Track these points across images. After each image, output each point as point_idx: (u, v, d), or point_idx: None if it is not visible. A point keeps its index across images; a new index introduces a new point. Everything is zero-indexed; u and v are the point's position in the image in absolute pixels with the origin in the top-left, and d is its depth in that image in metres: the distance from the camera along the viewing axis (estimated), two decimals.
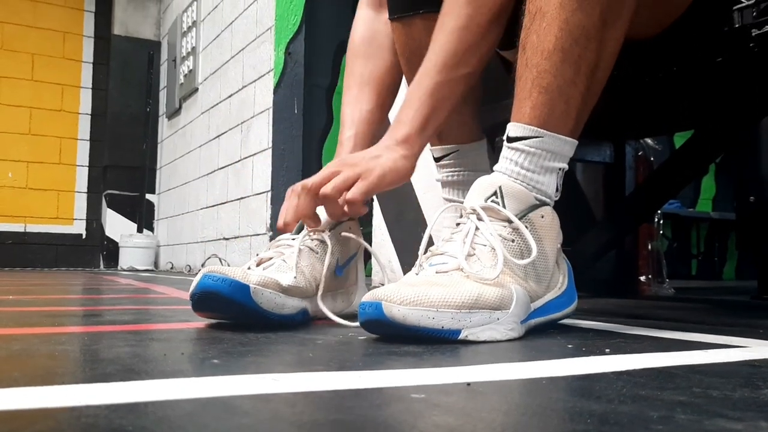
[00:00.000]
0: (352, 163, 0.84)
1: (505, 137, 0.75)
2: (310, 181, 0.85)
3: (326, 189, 0.82)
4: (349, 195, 0.81)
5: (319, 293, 0.82)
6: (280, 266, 0.81)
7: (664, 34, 0.93)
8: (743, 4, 0.90)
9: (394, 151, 0.84)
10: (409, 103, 0.86)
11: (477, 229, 0.71)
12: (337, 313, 0.83)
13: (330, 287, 0.86)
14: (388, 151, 0.84)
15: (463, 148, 1.05)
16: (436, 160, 1.08)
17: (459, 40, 0.84)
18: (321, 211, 0.86)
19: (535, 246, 0.70)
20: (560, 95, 0.72)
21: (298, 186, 0.86)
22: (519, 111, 0.74)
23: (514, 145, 0.74)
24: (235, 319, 0.77)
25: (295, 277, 0.79)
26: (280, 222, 0.86)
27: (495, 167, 0.76)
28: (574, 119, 0.74)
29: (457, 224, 0.74)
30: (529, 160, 0.73)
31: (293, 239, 0.86)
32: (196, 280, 0.73)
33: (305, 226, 0.87)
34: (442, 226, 1.02)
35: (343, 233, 0.88)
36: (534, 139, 0.73)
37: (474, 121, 1.06)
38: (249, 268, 0.80)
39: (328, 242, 0.85)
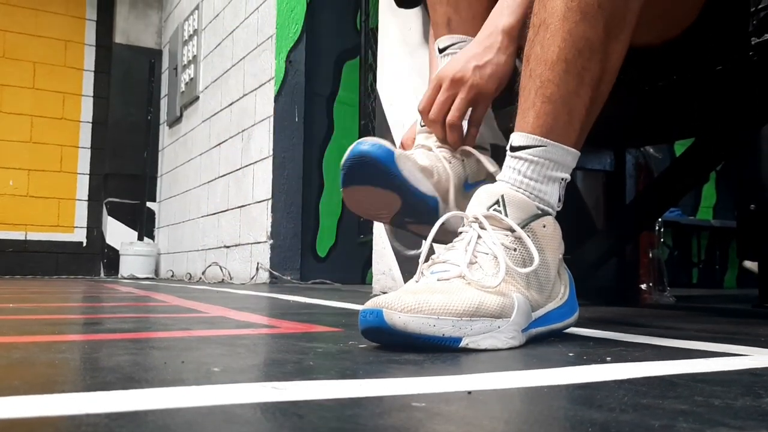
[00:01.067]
0: (466, 77, 0.87)
1: (508, 147, 0.75)
2: (421, 104, 0.90)
3: (450, 116, 0.87)
4: (472, 120, 0.88)
5: (451, 192, 0.87)
6: (420, 154, 0.88)
7: (665, 43, 0.93)
8: (750, 10, 0.91)
9: (500, 50, 0.87)
10: None
11: (479, 237, 0.71)
12: (453, 231, 0.84)
13: (458, 201, 0.89)
14: (493, 51, 0.87)
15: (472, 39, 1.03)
16: (442, 50, 1.03)
17: None
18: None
19: (537, 255, 0.70)
20: (563, 105, 0.72)
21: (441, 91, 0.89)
22: (522, 120, 0.74)
23: (518, 154, 0.74)
24: (382, 186, 0.83)
25: (429, 164, 0.86)
26: (429, 114, 0.90)
27: (498, 176, 0.76)
28: (577, 130, 0.74)
29: (459, 233, 0.74)
30: (532, 169, 0.73)
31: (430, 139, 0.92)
32: (349, 150, 0.82)
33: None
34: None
35: (468, 149, 0.91)
36: (537, 149, 0.73)
37: (484, 16, 1.03)
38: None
39: (456, 156, 0.90)
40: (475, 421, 0.36)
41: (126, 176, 5.07)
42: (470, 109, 0.90)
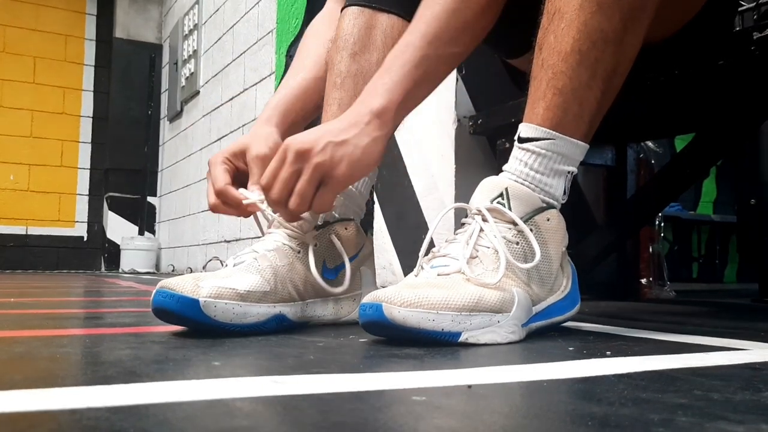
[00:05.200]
0: (313, 152, 0.71)
1: (516, 137, 0.74)
2: (264, 178, 0.74)
3: (293, 203, 0.73)
4: (316, 207, 0.74)
5: (293, 292, 0.76)
6: (248, 267, 0.74)
7: (666, 38, 0.93)
8: (744, 8, 0.90)
9: (365, 130, 0.74)
10: (387, 70, 0.76)
11: (481, 230, 0.71)
12: (327, 322, 0.80)
13: (319, 292, 0.81)
14: (357, 129, 0.73)
15: None
16: None
17: (455, 14, 0.78)
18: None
19: (538, 250, 0.70)
20: (575, 98, 0.71)
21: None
22: (532, 111, 0.73)
23: (525, 146, 0.73)
24: (200, 330, 0.71)
25: (260, 281, 0.73)
26: (271, 192, 0.74)
27: (504, 167, 0.75)
28: (587, 123, 0.73)
29: (462, 224, 0.74)
30: (539, 162, 0.72)
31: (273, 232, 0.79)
32: (152, 295, 0.70)
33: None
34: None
35: (332, 235, 0.81)
36: (545, 141, 0.72)
37: None
38: (225, 265, 0.76)
39: (309, 242, 0.79)
40: (475, 415, 0.36)
41: (127, 171, 5.07)
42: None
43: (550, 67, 0.71)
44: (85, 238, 5.17)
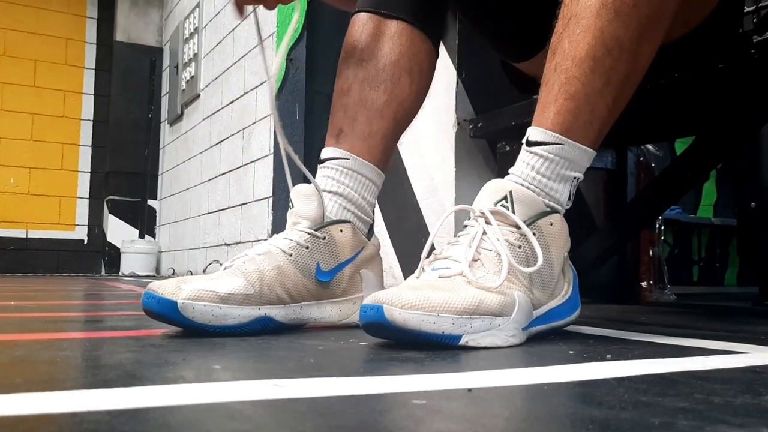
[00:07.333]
0: None
1: (524, 140, 0.74)
2: None
3: None
4: None
5: (283, 293, 0.77)
6: (235, 271, 0.76)
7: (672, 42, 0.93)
8: (744, 11, 0.91)
9: None
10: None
11: (484, 233, 0.70)
12: (326, 324, 0.81)
13: (315, 294, 0.81)
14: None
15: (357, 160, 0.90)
16: (321, 161, 0.93)
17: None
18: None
19: (541, 254, 0.70)
20: (586, 104, 0.71)
21: None
22: (542, 115, 0.73)
23: (533, 149, 0.73)
24: (200, 333, 0.73)
25: (244, 284, 0.75)
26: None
27: (510, 169, 0.75)
28: (597, 130, 0.72)
29: (465, 226, 0.74)
30: (546, 166, 0.72)
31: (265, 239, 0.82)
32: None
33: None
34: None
35: (328, 237, 0.82)
36: (554, 146, 0.72)
37: (379, 139, 0.92)
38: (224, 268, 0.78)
39: (304, 244, 0.80)
40: (476, 418, 0.36)
41: (127, 174, 5.08)
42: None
43: (563, 72, 0.71)
44: (86, 241, 5.18)
